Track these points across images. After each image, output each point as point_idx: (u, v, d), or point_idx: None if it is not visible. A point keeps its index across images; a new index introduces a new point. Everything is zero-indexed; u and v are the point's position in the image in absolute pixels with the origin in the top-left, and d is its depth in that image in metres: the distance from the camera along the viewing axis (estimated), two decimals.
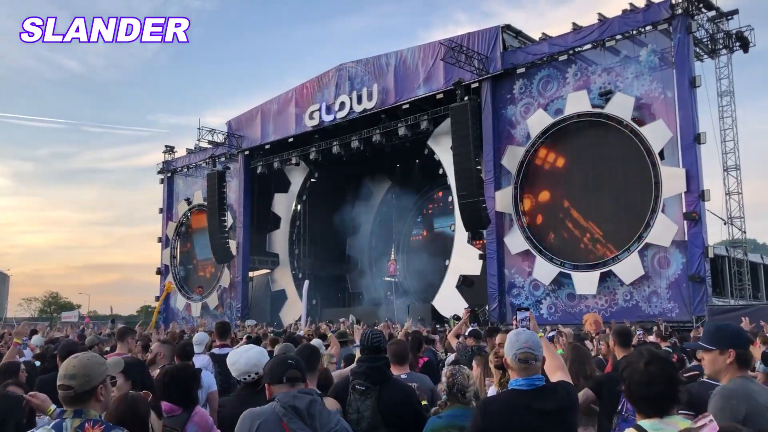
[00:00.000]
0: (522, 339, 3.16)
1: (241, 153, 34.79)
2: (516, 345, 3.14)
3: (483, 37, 25.21)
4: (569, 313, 21.88)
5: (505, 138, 24.62)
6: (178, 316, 36.82)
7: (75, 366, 2.67)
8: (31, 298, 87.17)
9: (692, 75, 20.45)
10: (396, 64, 28.13)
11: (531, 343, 3.14)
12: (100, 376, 2.71)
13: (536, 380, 3.12)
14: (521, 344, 3.13)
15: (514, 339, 3.19)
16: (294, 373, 3.08)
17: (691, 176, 19.96)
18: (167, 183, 39.74)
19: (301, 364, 3.22)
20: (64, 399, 2.65)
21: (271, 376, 3.12)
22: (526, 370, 3.11)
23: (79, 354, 2.79)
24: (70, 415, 2.62)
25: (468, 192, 23.35)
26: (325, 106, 30.58)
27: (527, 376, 3.10)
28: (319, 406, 2.88)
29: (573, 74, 23.18)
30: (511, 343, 3.17)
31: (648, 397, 2.45)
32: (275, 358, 3.30)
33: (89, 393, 2.65)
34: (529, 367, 3.11)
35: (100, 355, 7.45)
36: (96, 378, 2.68)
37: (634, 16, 21.73)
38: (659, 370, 2.47)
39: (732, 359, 3.11)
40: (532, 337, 3.21)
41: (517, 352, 3.12)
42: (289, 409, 2.79)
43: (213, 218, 33.28)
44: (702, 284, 19.66)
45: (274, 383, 3.07)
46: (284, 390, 2.99)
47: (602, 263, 21.64)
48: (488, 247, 24.64)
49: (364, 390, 4.05)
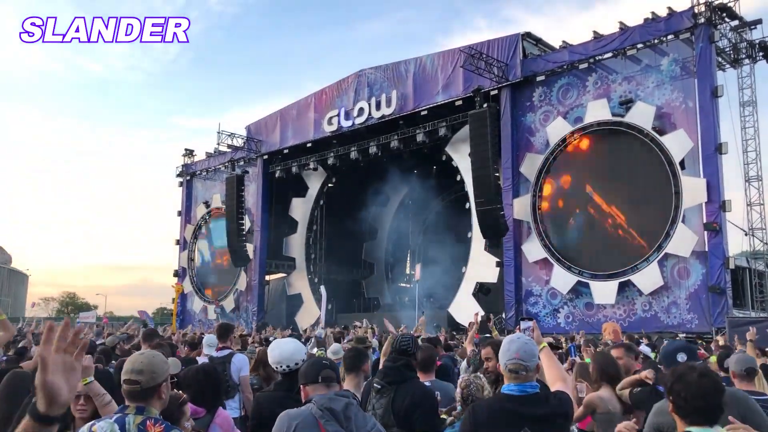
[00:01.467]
0: (513, 348, 3.11)
1: (260, 157, 34.99)
2: (507, 354, 3.11)
3: (503, 44, 25.21)
4: (587, 323, 21.72)
5: (524, 145, 24.57)
6: (195, 318, 37.04)
7: (142, 362, 2.69)
8: (48, 298, 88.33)
9: (714, 85, 20.30)
10: (415, 71, 28.19)
11: (522, 353, 3.08)
12: (164, 373, 2.74)
13: (528, 387, 3.08)
14: (512, 354, 3.09)
15: (506, 347, 3.15)
16: (329, 373, 3.10)
17: (712, 186, 19.80)
18: (186, 186, 40.05)
19: (335, 366, 3.24)
20: (130, 393, 2.66)
21: (306, 376, 3.14)
22: (517, 378, 3.09)
23: (144, 351, 2.82)
24: (132, 411, 2.63)
25: (486, 199, 23.30)
26: (344, 112, 30.71)
27: (519, 383, 3.09)
28: (355, 409, 2.91)
29: (593, 82, 23.10)
30: (503, 351, 3.15)
31: (702, 408, 2.62)
32: (310, 360, 3.35)
33: (153, 389, 2.67)
34: (519, 377, 3.08)
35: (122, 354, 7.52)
36: (161, 375, 2.71)
37: (655, 25, 21.63)
38: (712, 383, 2.67)
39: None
40: (524, 346, 3.13)
41: (507, 362, 3.09)
42: (325, 411, 2.82)
43: (231, 222, 33.48)
44: (722, 296, 19.46)
45: (309, 383, 3.10)
46: (320, 390, 3.02)
47: (621, 273, 21.49)
48: (505, 254, 24.57)
49: (380, 389, 4.11)
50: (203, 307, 37.35)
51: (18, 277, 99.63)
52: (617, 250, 21.93)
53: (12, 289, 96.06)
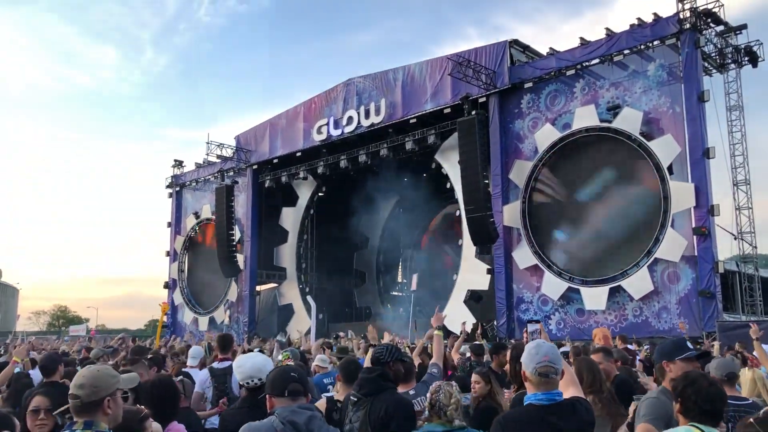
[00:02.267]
0: (542, 351, 3.04)
1: (250, 167, 34.90)
2: (536, 358, 3.03)
3: (490, 52, 25.27)
4: (578, 329, 21.68)
5: (513, 152, 24.59)
6: (185, 330, 36.76)
7: (85, 376, 2.67)
8: (39, 312, 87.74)
9: (701, 89, 20.37)
10: (404, 79, 28.22)
11: (551, 356, 3.03)
12: (109, 388, 2.69)
13: (556, 395, 3.00)
14: (541, 357, 3.01)
15: (534, 351, 3.07)
16: (295, 386, 3.02)
17: (701, 191, 19.83)
18: (176, 197, 39.88)
19: (304, 377, 3.16)
20: (73, 408, 2.65)
21: (273, 387, 3.07)
22: (546, 384, 3.00)
23: (91, 366, 2.79)
24: (80, 426, 2.62)
25: (476, 206, 23.29)
26: (333, 121, 30.69)
27: (547, 390, 2.99)
28: (319, 422, 2.83)
29: (581, 89, 23.16)
30: (530, 356, 3.06)
31: (709, 412, 2.88)
32: (277, 370, 3.25)
33: (96, 404, 2.63)
34: (549, 381, 3.00)
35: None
36: (104, 390, 2.66)
37: (641, 31, 21.72)
38: (718, 390, 2.97)
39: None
40: (552, 349, 3.09)
41: (537, 366, 3.00)
42: (287, 424, 2.74)
43: (221, 232, 33.33)
44: (712, 300, 19.46)
45: (275, 396, 3.02)
46: (285, 403, 2.94)
47: (611, 278, 21.48)
48: (496, 261, 24.52)
49: (356, 401, 4.03)
50: (194, 318, 37.10)
51: (8, 291, 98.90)
52: (607, 255, 21.92)
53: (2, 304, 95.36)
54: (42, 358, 5.79)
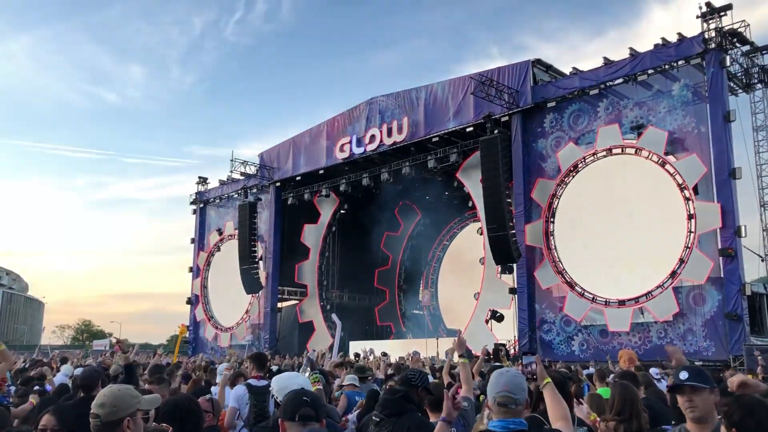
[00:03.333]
0: (502, 381, 3.00)
1: (273, 184, 35.18)
2: (496, 387, 2.99)
3: (513, 71, 25.30)
4: (601, 350, 21.40)
5: (536, 171, 24.51)
6: (207, 346, 36.95)
7: (105, 395, 2.66)
8: (64, 326, 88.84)
9: (726, 109, 20.17)
10: (426, 98, 28.34)
11: (511, 386, 2.97)
12: (129, 408, 2.67)
13: (511, 424, 2.93)
14: (501, 387, 2.97)
15: (495, 380, 3.04)
16: (307, 411, 2.98)
17: (727, 212, 19.56)
18: (199, 213, 40.28)
19: (318, 402, 3.12)
20: (93, 428, 2.64)
21: (284, 412, 3.05)
22: (505, 413, 2.95)
23: (113, 385, 2.78)
24: None
25: (498, 225, 23.19)
26: (356, 139, 30.87)
27: (503, 419, 2.95)
28: None
29: (604, 108, 23.07)
30: (491, 384, 3.03)
31: None
32: (290, 394, 3.20)
33: (115, 424, 2.62)
34: (507, 411, 2.95)
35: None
36: (124, 410, 2.65)
37: (666, 51, 21.62)
38: None
39: (718, 398, 3.13)
40: (513, 379, 3.03)
41: (496, 395, 2.96)
42: None
43: (243, 249, 33.54)
44: (739, 322, 19.11)
45: (286, 419, 3.00)
46: (295, 428, 2.94)
47: (635, 299, 21.21)
48: (518, 281, 24.36)
49: (378, 422, 4.04)
50: (215, 334, 37.27)
51: (34, 305, 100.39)
52: (631, 276, 21.64)
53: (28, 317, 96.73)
54: (82, 375, 5.71)
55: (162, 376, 6.69)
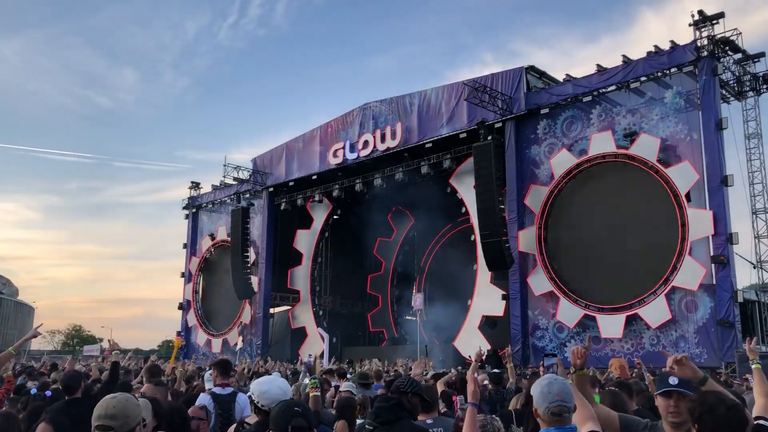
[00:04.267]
0: (555, 391, 3.01)
1: (266, 190, 35.11)
2: (549, 397, 3.00)
3: (507, 77, 25.36)
4: (594, 357, 21.32)
5: (529, 177, 24.54)
6: (199, 352, 36.74)
7: (116, 407, 2.63)
8: (54, 331, 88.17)
9: (718, 117, 20.28)
10: (420, 104, 28.37)
11: (563, 395, 3.00)
12: (137, 417, 2.69)
13: (569, 431, 2.99)
14: (554, 396, 2.99)
15: (546, 390, 3.04)
16: (299, 422, 2.95)
17: (719, 219, 19.63)
18: (192, 218, 40.15)
19: (309, 412, 3.10)
20: None
21: (276, 423, 3.01)
22: (559, 422, 2.98)
23: (117, 395, 2.74)
24: None
25: (491, 231, 23.21)
26: (349, 145, 30.87)
27: (560, 427, 2.98)
28: None
29: (597, 115, 23.14)
30: (542, 395, 3.03)
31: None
32: (281, 405, 3.16)
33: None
34: (562, 419, 2.98)
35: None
36: (134, 419, 2.66)
37: (659, 58, 21.73)
38: (737, 414, 2.78)
39: None
40: (564, 387, 3.06)
41: (550, 405, 2.98)
42: None
43: (236, 254, 33.44)
44: (731, 329, 19.15)
45: (278, 430, 2.98)
46: None
47: (628, 306, 21.23)
48: (511, 287, 24.35)
49: (372, 430, 4.00)
50: (207, 340, 37.11)
51: (24, 310, 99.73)
52: (624, 283, 21.68)
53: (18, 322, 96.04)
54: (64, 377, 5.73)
55: (159, 378, 6.65)
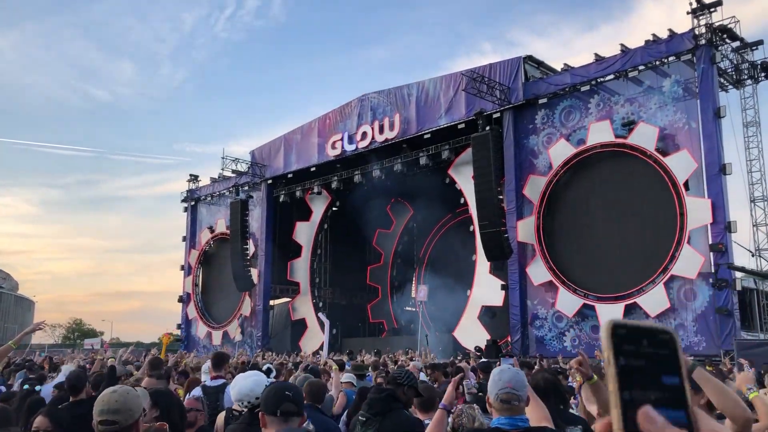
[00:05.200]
0: (505, 378, 3.04)
1: (264, 182, 35.10)
2: (499, 384, 3.02)
3: (504, 67, 25.31)
4: (593, 346, 21.45)
5: (527, 168, 24.54)
6: (199, 344, 36.87)
7: (117, 401, 2.63)
8: (55, 325, 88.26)
9: (717, 105, 20.25)
10: (418, 95, 28.32)
11: (514, 383, 3.02)
12: (139, 409, 2.72)
13: (519, 421, 2.98)
14: (504, 384, 3.01)
15: (497, 377, 3.07)
16: (289, 406, 2.92)
17: (717, 207, 19.64)
18: (191, 211, 40.15)
19: (299, 396, 3.06)
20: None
21: (266, 406, 2.98)
22: (509, 411, 2.99)
23: (117, 388, 2.74)
24: None
25: (489, 221, 23.23)
26: (348, 136, 30.83)
27: (510, 416, 2.98)
28: None
29: (595, 104, 23.11)
30: (494, 382, 3.06)
31: None
32: (273, 387, 3.14)
33: (131, 427, 2.63)
34: (511, 407, 2.99)
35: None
36: (137, 411, 2.68)
37: (656, 47, 21.67)
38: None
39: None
40: (516, 376, 3.08)
41: (500, 392, 2.99)
42: None
43: (235, 246, 33.47)
44: (730, 317, 19.20)
45: (268, 414, 2.94)
46: (275, 424, 2.88)
47: (627, 295, 21.28)
48: (510, 277, 24.39)
49: (365, 420, 4.05)
50: (207, 332, 37.19)
51: (24, 304, 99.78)
52: (622, 272, 21.72)
53: (18, 316, 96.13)
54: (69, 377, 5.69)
55: (160, 372, 6.69)
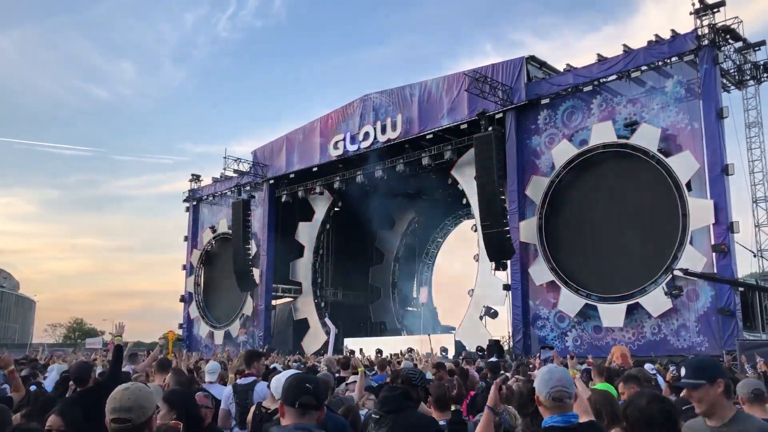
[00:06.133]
0: (555, 377, 3.10)
1: (266, 182, 35.13)
2: (550, 383, 3.08)
3: (507, 68, 25.33)
4: (595, 346, 21.50)
5: (530, 168, 24.56)
6: (201, 344, 36.91)
7: (129, 398, 2.57)
8: (56, 324, 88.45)
9: (719, 106, 20.26)
10: (420, 95, 28.34)
11: (564, 381, 3.09)
12: (153, 405, 2.65)
13: (571, 417, 3.05)
14: (555, 382, 3.07)
15: (547, 377, 3.12)
16: (308, 399, 2.88)
17: (720, 208, 19.66)
18: (193, 211, 40.19)
19: (320, 390, 3.02)
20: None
21: (285, 396, 2.95)
22: (561, 408, 3.05)
23: (129, 385, 2.68)
24: None
25: (492, 222, 23.25)
26: (350, 136, 30.86)
27: (562, 413, 3.05)
28: None
29: (598, 105, 23.13)
30: (543, 381, 3.11)
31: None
32: (295, 378, 3.10)
33: (145, 425, 2.57)
34: (563, 405, 3.05)
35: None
36: (150, 408, 2.62)
37: (659, 48, 21.69)
38: (659, 410, 2.81)
39: (722, 389, 3.06)
40: (564, 374, 3.15)
41: (551, 390, 3.05)
42: None
43: (237, 246, 33.49)
44: (732, 318, 19.22)
45: (287, 405, 2.91)
46: (292, 417, 2.86)
47: (629, 295, 21.29)
48: (512, 277, 24.42)
49: (378, 419, 4.09)
50: (209, 332, 37.23)
51: (25, 303, 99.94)
52: (625, 272, 21.74)
53: (19, 316, 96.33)
54: (74, 369, 5.71)
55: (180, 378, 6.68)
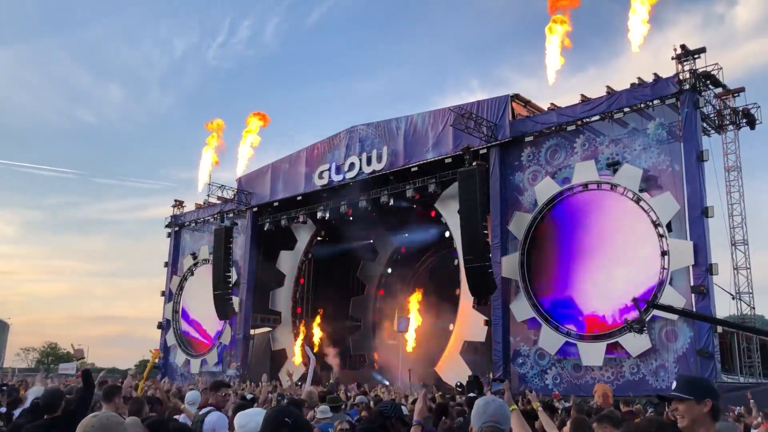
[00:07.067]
0: (489, 411, 3.04)
1: (250, 209, 34.99)
2: (483, 417, 3.02)
3: (492, 105, 25.65)
4: (575, 385, 21.42)
5: (512, 204, 24.71)
6: (177, 372, 36.26)
7: (94, 426, 2.51)
8: (29, 348, 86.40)
9: (700, 149, 20.59)
10: (406, 128, 28.56)
11: (498, 416, 3.01)
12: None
13: None
14: (488, 417, 3.01)
15: (482, 409, 3.06)
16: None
17: (699, 249, 19.85)
18: (174, 237, 39.82)
19: (299, 424, 2.99)
20: None
21: (264, 430, 2.92)
22: None
23: (97, 414, 2.61)
24: None
25: (474, 256, 23.24)
26: (335, 166, 30.93)
27: None
28: None
29: (581, 144, 23.42)
30: (478, 414, 3.06)
31: None
32: (272, 414, 3.07)
33: None
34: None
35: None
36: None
37: (642, 90, 22.09)
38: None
39: (708, 409, 3.10)
40: (500, 409, 3.07)
41: (483, 425, 3.00)
42: None
43: (218, 274, 33.14)
44: (711, 360, 19.27)
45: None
46: None
47: (608, 334, 21.31)
48: (494, 313, 24.36)
49: None
50: (186, 360, 36.61)
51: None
52: (605, 311, 21.75)
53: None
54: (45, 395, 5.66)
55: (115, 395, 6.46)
